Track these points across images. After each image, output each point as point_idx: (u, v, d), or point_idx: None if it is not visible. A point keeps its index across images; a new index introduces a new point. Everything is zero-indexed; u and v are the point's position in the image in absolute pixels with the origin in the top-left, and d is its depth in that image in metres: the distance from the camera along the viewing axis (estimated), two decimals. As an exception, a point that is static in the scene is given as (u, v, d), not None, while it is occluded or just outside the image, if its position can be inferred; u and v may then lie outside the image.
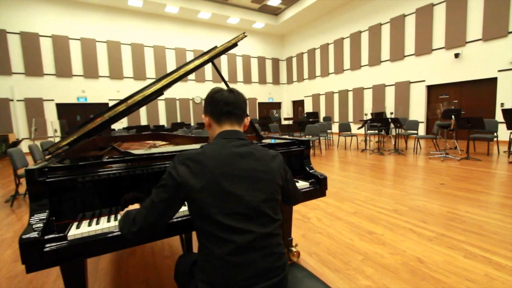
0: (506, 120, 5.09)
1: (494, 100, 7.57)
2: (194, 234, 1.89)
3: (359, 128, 7.31)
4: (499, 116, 7.11)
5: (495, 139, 5.73)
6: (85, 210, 1.12)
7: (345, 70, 12.33)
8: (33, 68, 10.00)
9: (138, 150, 1.64)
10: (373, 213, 2.80)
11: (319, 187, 1.58)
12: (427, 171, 4.66)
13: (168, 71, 12.19)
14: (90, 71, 11.05)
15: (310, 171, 1.67)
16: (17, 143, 5.68)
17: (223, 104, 0.94)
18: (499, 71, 7.33)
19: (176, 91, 12.79)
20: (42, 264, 0.90)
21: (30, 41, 9.89)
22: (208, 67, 13.70)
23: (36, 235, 0.89)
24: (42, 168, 1.04)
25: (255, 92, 15.54)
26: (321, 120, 12.30)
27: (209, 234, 0.79)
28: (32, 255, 0.88)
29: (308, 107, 14.85)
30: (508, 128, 5.06)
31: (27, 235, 0.88)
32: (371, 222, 2.59)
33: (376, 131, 7.33)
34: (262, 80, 15.80)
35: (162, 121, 12.67)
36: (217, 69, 1.94)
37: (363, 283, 1.67)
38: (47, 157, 1.40)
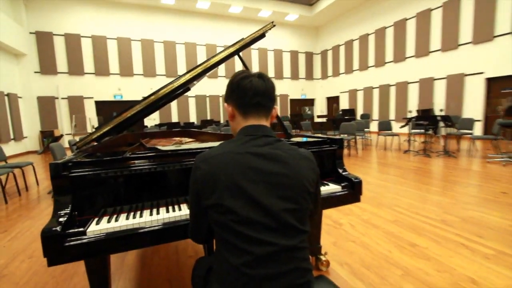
0: None
1: None
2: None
3: (401, 127, 6.82)
4: None
5: None
6: (107, 206, 1.15)
7: (387, 63, 11.61)
8: (75, 67, 10.97)
9: (164, 146, 1.67)
10: (417, 223, 2.57)
11: (352, 191, 1.46)
12: (484, 177, 4.17)
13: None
14: (126, 70, 11.81)
15: (343, 173, 1.56)
16: (58, 138, 6.27)
17: (253, 94, 0.83)
18: None
19: (206, 88, 13.13)
20: (63, 258, 0.93)
21: (73, 42, 10.87)
22: (239, 62, 13.85)
23: (58, 229, 0.93)
24: (66, 162, 1.09)
25: (287, 88, 15.36)
26: (358, 117, 11.75)
27: (227, 242, 0.74)
28: (53, 248, 0.92)
29: (344, 104, 14.28)
30: None
31: (49, 229, 0.92)
32: (414, 232, 2.37)
33: (422, 131, 6.77)
34: (295, 76, 15.55)
35: (192, 118, 13.11)
36: (243, 61, 1.90)
37: (402, 302, 1.52)
38: (75, 152, 1.49)
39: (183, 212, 1.14)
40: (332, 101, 15.59)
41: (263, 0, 12.69)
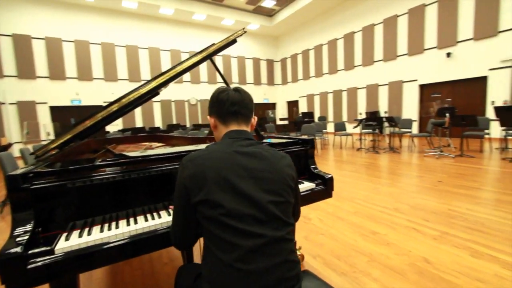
0: (499, 117, 5.09)
1: (484, 98, 7.63)
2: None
3: (354, 127, 7.27)
4: (489, 114, 7.16)
5: (487, 136, 5.74)
6: (76, 219, 1.00)
7: (339, 71, 12.33)
8: (26, 70, 9.71)
9: (134, 152, 1.53)
10: (374, 212, 2.73)
11: (325, 187, 1.49)
12: (423, 168, 4.62)
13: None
14: (84, 73, 10.81)
15: (315, 171, 1.58)
16: (7, 146, 5.47)
17: (230, 104, 0.88)
18: (490, 69, 7.38)
19: (172, 93, 12.61)
20: (26, 283, 0.78)
21: (22, 44, 9.61)
22: (204, 68, 13.57)
23: (18, 250, 0.78)
24: (26, 173, 0.92)
25: (250, 93, 15.39)
26: (316, 120, 12.27)
27: (217, 239, 0.71)
28: (14, 273, 0.76)
29: (303, 108, 14.81)
30: (502, 125, 5.07)
31: (8, 251, 0.76)
32: (373, 221, 2.51)
33: (371, 130, 7.30)
34: (257, 81, 15.72)
35: (158, 123, 12.48)
36: (215, 66, 1.84)
37: (371, 286, 1.59)
38: (34, 161, 1.28)
39: (163, 219, 1.04)
40: (292, 105, 16.07)
41: (226, 9, 12.62)
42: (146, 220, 1.04)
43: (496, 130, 6.30)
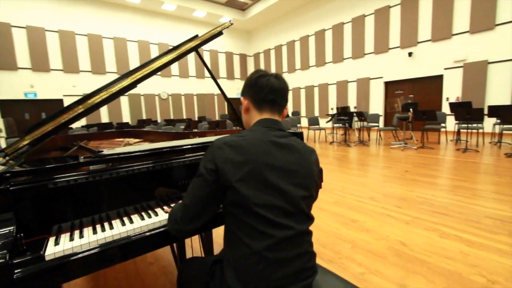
0: (455, 112, 5.62)
1: (440, 94, 8.36)
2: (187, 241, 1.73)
3: (327, 122, 7.55)
4: (445, 109, 7.88)
5: (443, 129, 6.33)
6: (62, 221, 0.91)
7: (311, 67, 12.64)
8: (-33, 59, 8.55)
9: (114, 149, 1.42)
10: (352, 202, 2.88)
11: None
12: (390, 159, 4.97)
13: (131, 64, 11.40)
14: (40, 64, 9.80)
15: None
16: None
17: (268, 91, 0.85)
18: (445, 69, 8.10)
19: (141, 87, 11.91)
20: (12, 294, 0.70)
21: (-39, 28, 8.42)
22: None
23: (3, 260, 0.69)
24: (2, 173, 0.81)
25: (223, 88, 15.18)
26: (290, 114, 12.50)
27: (248, 227, 0.71)
28: (-1, 284, 0.68)
29: (276, 102, 14.97)
30: (456, 119, 5.61)
31: (-9, 260, 0.67)
32: (352, 210, 2.65)
33: (341, 124, 7.65)
34: (230, 76, 15.54)
35: (126, 118, 11.79)
36: (202, 59, 1.78)
37: (357, 270, 1.68)
38: (4, 160, 1.14)
39: (161, 217, 0.99)
40: (266, 100, 16.19)
41: (197, 0, 12.20)
42: (142, 218, 0.98)
43: (450, 123, 6.96)
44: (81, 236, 0.86)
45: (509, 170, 3.84)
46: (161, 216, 0.99)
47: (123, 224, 0.94)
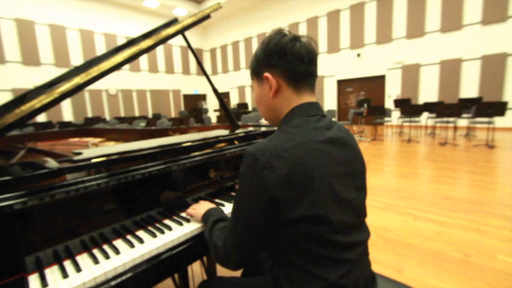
0: (399, 107, 6.26)
1: (383, 92, 9.26)
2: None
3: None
4: (387, 105, 8.76)
5: (389, 123, 7.02)
6: (40, 249, 0.65)
7: (268, 64, 12.77)
8: None
9: (95, 149, 1.12)
10: (330, 193, 2.95)
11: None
12: (351, 151, 5.29)
13: (72, 56, 9.97)
14: None
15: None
16: None
17: (309, 60, 0.61)
18: (387, 69, 8.97)
19: (84, 80, 10.51)
20: None
21: None
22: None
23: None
24: None
25: (179, 83, 14.40)
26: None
27: (319, 257, 0.55)
28: None
29: (235, 99, 14.81)
30: (402, 113, 6.25)
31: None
32: (332, 202, 2.71)
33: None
34: (186, 71, 14.78)
35: (68, 116, 10.28)
36: (189, 44, 1.56)
37: (355, 261, 1.69)
38: None
39: (183, 230, 0.79)
40: (224, 96, 15.86)
41: (148, -12, 11.20)
42: (155, 236, 0.77)
43: (394, 117, 7.76)
44: (77, 269, 0.63)
45: (446, 156, 4.42)
46: (172, 233, 0.80)
47: (132, 246, 0.72)
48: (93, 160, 0.80)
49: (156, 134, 2.00)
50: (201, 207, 0.85)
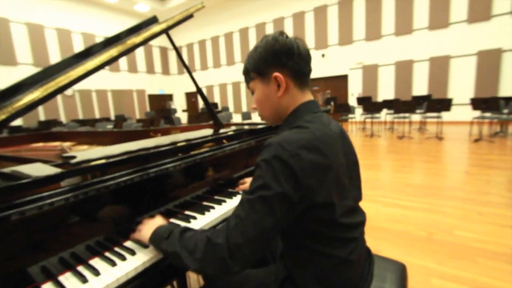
0: (361, 105, 6.75)
1: (347, 91, 9.87)
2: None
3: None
4: (351, 103, 9.37)
5: (353, 119, 7.52)
6: (45, 258, 0.62)
7: (236, 63, 12.79)
8: None
9: (72, 153, 1.06)
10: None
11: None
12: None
13: (16, 43, 8.95)
14: None
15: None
16: None
17: (309, 60, 0.67)
18: (350, 69, 9.58)
19: (33, 80, 9.48)
20: None
21: None
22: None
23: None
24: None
25: (143, 83, 13.71)
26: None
27: (330, 239, 0.62)
28: None
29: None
30: (364, 110, 6.74)
31: None
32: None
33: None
34: (151, 70, 14.12)
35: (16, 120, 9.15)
36: (172, 42, 1.54)
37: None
38: None
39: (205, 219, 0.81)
40: (191, 96, 15.49)
41: (106, -19, 10.46)
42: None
43: (357, 114, 8.33)
44: (96, 273, 0.62)
45: (404, 148, 4.90)
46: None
47: (133, 254, 0.73)
48: (104, 161, 0.78)
49: (136, 136, 1.92)
50: (149, 225, 0.72)
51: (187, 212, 0.94)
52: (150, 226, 0.71)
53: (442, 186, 2.93)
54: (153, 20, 1.54)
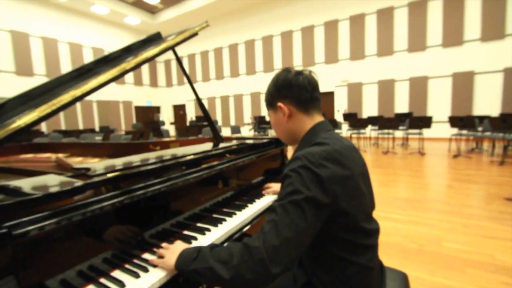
0: (347, 121, 7.02)
1: (333, 107, 10.24)
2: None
3: (250, 130, 7.93)
4: (338, 119, 9.69)
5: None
6: (62, 272, 0.62)
7: (226, 77, 12.99)
8: None
9: (86, 165, 1.05)
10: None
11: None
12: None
13: (4, 55, 8.67)
14: None
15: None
16: None
17: (312, 89, 0.77)
18: (336, 86, 10.00)
19: (16, 90, 9.16)
20: None
21: None
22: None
23: None
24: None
25: (130, 94, 13.54)
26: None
27: (352, 245, 0.67)
28: None
29: (191, 112, 14.53)
30: (350, 126, 6.99)
31: None
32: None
33: (261, 132, 8.24)
34: (138, 82, 14.03)
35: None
36: (179, 60, 1.59)
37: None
38: None
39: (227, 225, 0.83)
40: (179, 109, 15.43)
41: (97, -7, 10.51)
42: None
43: (344, 130, 8.62)
44: (121, 285, 0.63)
45: (389, 163, 5.11)
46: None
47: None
48: (131, 171, 0.79)
49: (135, 149, 1.92)
50: (172, 251, 0.71)
51: (199, 225, 0.96)
52: (172, 251, 0.70)
53: (428, 199, 3.07)
54: (156, 37, 1.59)
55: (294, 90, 0.77)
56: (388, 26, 8.79)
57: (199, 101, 1.75)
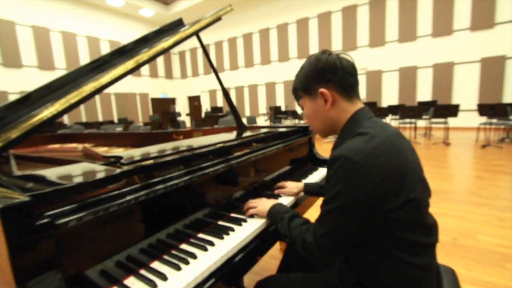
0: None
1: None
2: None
3: (266, 120, 7.84)
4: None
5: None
6: (101, 265, 0.60)
7: (240, 68, 12.85)
8: None
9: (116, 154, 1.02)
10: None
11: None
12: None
13: (21, 46, 8.97)
14: None
15: (321, 157, 1.60)
16: None
17: (355, 73, 0.71)
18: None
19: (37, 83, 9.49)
20: None
21: None
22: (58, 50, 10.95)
23: None
24: (27, 202, 0.47)
25: (146, 87, 13.73)
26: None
27: (410, 244, 0.60)
28: None
29: (205, 103, 14.57)
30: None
31: None
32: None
33: (277, 121, 8.14)
34: (154, 74, 14.16)
35: None
36: (203, 47, 1.53)
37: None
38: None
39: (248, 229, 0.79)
40: (193, 100, 15.51)
41: (112, -14, 10.55)
42: (230, 232, 0.76)
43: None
44: (163, 278, 0.59)
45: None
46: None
47: (205, 248, 0.70)
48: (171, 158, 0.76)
49: (159, 138, 1.90)
50: (262, 204, 0.86)
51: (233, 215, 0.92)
52: (264, 204, 0.87)
53: (457, 190, 2.91)
54: (178, 23, 1.53)
55: (338, 74, 0.69)
56: (411, 9, 8.28)
57: (223, 89, 1.70)
